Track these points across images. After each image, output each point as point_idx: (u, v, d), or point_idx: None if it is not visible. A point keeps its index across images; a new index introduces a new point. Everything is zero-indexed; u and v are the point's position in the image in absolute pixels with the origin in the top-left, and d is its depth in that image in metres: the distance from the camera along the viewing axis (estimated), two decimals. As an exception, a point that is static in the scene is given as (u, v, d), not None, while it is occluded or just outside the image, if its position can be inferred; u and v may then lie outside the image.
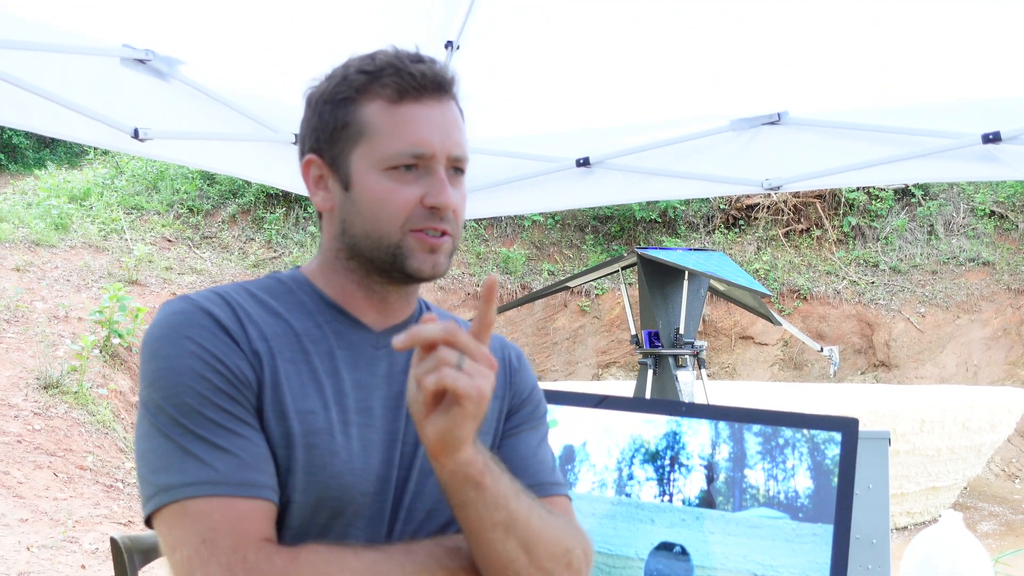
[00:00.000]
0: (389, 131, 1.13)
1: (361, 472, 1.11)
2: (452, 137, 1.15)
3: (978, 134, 2.37)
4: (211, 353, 1.07)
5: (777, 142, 2.69)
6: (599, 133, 2.92)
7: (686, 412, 1.68)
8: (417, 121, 1.13)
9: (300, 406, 1.09)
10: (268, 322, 1.13)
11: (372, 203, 1.14)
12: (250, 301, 1.15)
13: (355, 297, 1.19)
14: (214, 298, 1.13)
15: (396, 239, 1.13)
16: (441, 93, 1.15)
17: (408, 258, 1.13)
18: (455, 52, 2.75)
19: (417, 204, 1.13)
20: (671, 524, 1.60)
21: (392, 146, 1.13)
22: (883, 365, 11.87)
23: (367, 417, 1.14)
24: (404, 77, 1.13)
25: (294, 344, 1.13)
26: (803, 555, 1.50)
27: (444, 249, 1.15)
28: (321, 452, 1.08)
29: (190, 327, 1.08)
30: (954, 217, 12.87)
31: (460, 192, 1.17)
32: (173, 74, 2.37)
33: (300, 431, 1.08)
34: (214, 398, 1.05)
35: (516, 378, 1.31)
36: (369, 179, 1.14)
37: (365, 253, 1.15)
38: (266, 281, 1.21)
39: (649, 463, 1.66)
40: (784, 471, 1.57)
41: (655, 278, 4.98)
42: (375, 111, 1.14)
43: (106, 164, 12.99)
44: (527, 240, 13.13)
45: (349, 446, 1.11)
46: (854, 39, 2.46)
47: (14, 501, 5.95)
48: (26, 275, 9.53)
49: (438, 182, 1.13)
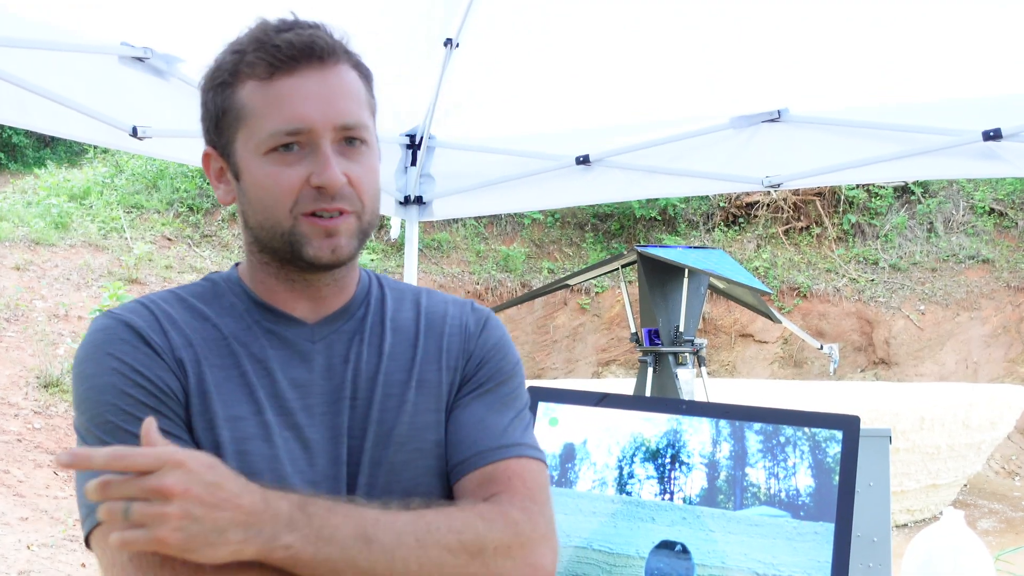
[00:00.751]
0: (263, 111, 1.04)
1: (306, 473, 1.06)
2: (337, 106, 1.05)
3: (979, 131, 2.37)
4: (132, 367, 1.03)
5: (777, 140, 2.69)
6: (599, 131, 2.92)
7: (687, 410, 1.68)
8: (291, 95, 1.04)
9: (229, 412, 1.05)
10: (195, 327, 1.08)
11: (258, 191, 1.06)
12: (177, 307, 1.10)
13: (278, 291, 1.12)
14: (137, 308, 1.08)
15: (288, 226, 1.05)
16: (319, 60, 1.05)
17: (304, 245, 1.06)
18: (455, 50, 2.74)
19: (304, 185, 1.04)
20: (672, 522, 1.59)
21: (266, 127, 1.04)
22: (883, 363, 11.87)
23: (307, 416, 1.09)
24: (269, 50, 1.04)
25: (222, 349, 1.08)
26: (804, 553, 1.50)
27: (344, 230, 1.06)
28: (255, 458, 1.04)
29: (111, 343, 1.04)
30: (954, 214, 12.86)
31: (362, 164, 1.07)
32: (172, 72, 2.37)
33: (230, 438, 1.04)
34: (138, 413, 1.00)
35: (472, 344, 1.19)
36: (252, 166, 1.06)
37: (266, 244, 1.09)
38: (200, 285, 1.15)
39: (650, 461, 1.66)
40: (785, 469, 1.57)
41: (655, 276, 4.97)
42: (248, 92, 1.05)
43: (106, 163, 12.98)
44: (527, 238, 13.13)
45: (289, 448, 1.06)
46: (854, 37, 2.46)
47: (14, 500, 5.94)
48: (26, 274, 9.52)
49: (322, 159, 1.04)
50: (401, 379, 1.14)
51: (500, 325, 1.23)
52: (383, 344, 1.15)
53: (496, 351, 1.20)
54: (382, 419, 1.11)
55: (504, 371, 1.19)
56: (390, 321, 1.17)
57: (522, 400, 1.20)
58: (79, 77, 2.29)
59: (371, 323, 1.16)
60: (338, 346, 1.12)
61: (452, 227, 12.82)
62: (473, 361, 1.18)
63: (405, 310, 1.19)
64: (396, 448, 1.11)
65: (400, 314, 1.19)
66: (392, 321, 1.17)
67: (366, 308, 1.17)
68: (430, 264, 12.19)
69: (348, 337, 1.14)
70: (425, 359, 1.16)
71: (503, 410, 1.16)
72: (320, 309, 1.13)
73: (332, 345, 1.12)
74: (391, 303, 1.19)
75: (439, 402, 1.14)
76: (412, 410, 1.12)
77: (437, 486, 1.12)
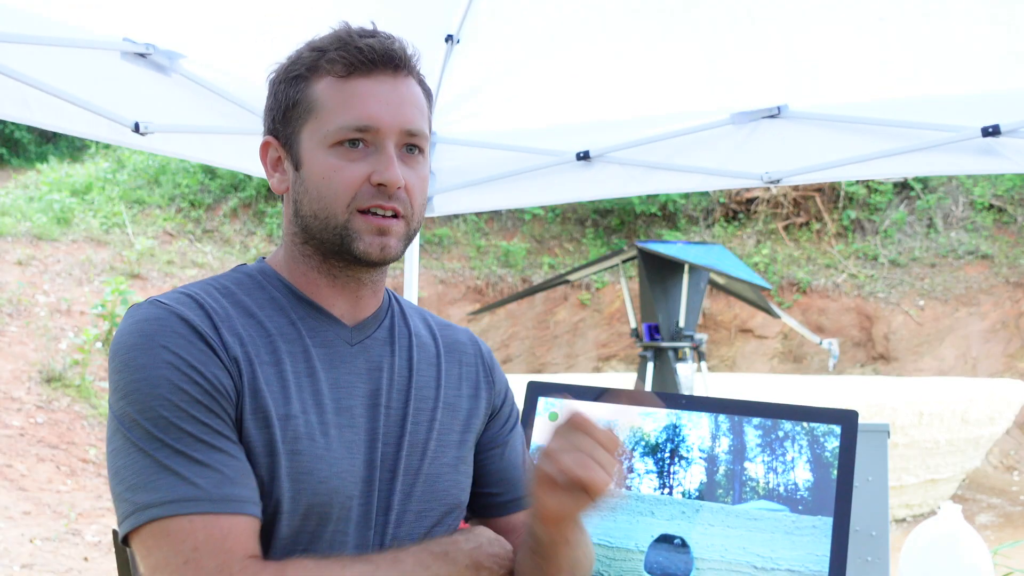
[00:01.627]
0: (335, 106, 1.08)
1: (347, 475, 1.08)
2: (404, 113, 1.09)
3: (978, 127, 2.38)
4: (188, 363, 1.02)
5: (777, 135, 2.69)
6: (599, 127, 2.92)
7: (686, 405, 1.68)
8: (364, 95, 1.08)
9: (281, 411, 1.05)
10: (243, 323, 1.08)
11: (319, 181, 1.09)
12: (223, 302, 1.09)
13: (320, 286, 1.13)
14: (187, 301, 1.07)
15: (343, 219, 1.08)
16: (394, 68, 1.10)
17: (355, 240, 1.08)
18: (455, 46, 2.75)
19: (364, 182, 1.08)
20: (671, 516, 1.60)
21: (336, 120, 1.08)
22: (882, 358, 11.89)
23: (347, 417, 1.10)
24: (351, 51, 1.09)
25: (269, 345, 1.08)
26: (803, 547, 1.51)
27: (395, 232, 1.10)
28: (306, 457, 1.05)
29: (164, 334, 1.02)
30: (953, 210, 12.87)
31: (417, 172, 1.12)
32: (174, 68, 2.37)
33: (283, 437, 1.04)
34: (192, 411, 1.00)
35: (494, 375, 1.30)
36: (316, 157, 1.09)
37: (316, 235, 1.11)
38: (235, 276, 1.15)
39: (649, 456, 1.67)
40: (784, 464, 1.58)
41: (655, 271, 4.98)
42: (324, 87, 1.09)
43: (107, 158, 12.99)
44: (527, 234, 13.13)
45: (331, 449, 1.07)
46: (854, 33, 2.46)
47: (17, 494, 5.97)
48: (28, 269, 9.54)
49: (386, 158, 1.08)
50: (429, 395, 1.19)
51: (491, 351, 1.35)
52: (412, 358, 1.20)
53: (507, 383, 1.32)
54: (415, 431, 1.16)
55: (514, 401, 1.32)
56: (415, 336, 1.22)
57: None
58: (81, 73, 2.29)
59: (398, 334, 1.20)
60: (373, 351, 1.16)
61: (453, 223, 12.83)
62: (497, 396, 1.28)
63: (421, 327, 1.25)
64: (430, 460, 1.16)
65: (420, 330, 1.24)
66: (416, 336, 1.22)
67: (391, 318, 1.21)
68: (431, 260, 12.21)
69: (381, 344, 1.17)
70: (448, 381, 1.23)
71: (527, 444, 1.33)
72: (357, 311, 1.16)
73: (368, 349, 1.15)
74: (409, 318, 1.24)
75: (460, 425, 1.22)
76: (440, 428, 1.19)
77: (462, 500, 1.22)
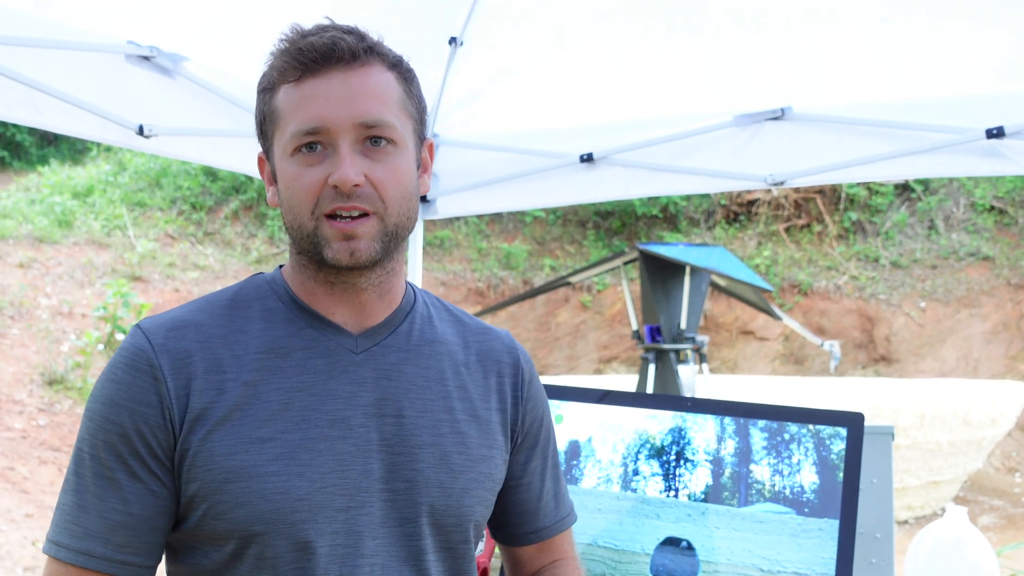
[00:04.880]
0: (290, 113, 1.05)
1: (334, 489, 1.06)
2: (359, 105, 1.04)
3: (982, 129, 2.37)
4: (121, 405, 1.04)
5: (781, 137, 2.69)
6: (603, 129, 2.92)
7: (691, 407, 1.68)
8: (314, 96, 1.04)
9: (256, 434, 1.04)
10: (230, 341, 1.08)
11: (286, 192, 1.07)
12: (218, 321, 1.09)
13: (319, 295, 1.11)
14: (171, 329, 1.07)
15: (311, 227, 1.05)
16: (344, 63, 1.05)
17: (324, 247, 1.05)
18: (459, 48, 2.75)
19: (323, 185, 1.04)
20: (677, 519, 1.60)
21: (290, 127, 1.05)
22: (883, 360, 11.88)
23: (342, 429, 1.07)
24: (294, 55, 1.06)
25: (258, 363, 1.07)
26: (809, 550, 1.51)
27: (364, 233, 1.05)
28: (282, 477, 1.04)
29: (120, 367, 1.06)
30: (954, 212, 12.86)
31: (386, 164, 1.06)
32: (178, 71, 2.38)
33: (254, 461, 1.03)
34: (105, 453, 1.04)
35: (530, 391, 1.24)
36: (283, 167, 1.07)
37: (298, 245, 1.09)
38: (243, 287, 1.15)
39: (655, 458, 1.67)
40: (789, 466, 1.58)
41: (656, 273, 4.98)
42: (281, 96, 1.07)
43: (109, 160, 12.99)
44: (528, 236, 13.13)
45: (315, 465, 1.05)
46: (858, 34, 2.46)
47: (19, 496, 5.96)
48: (30, 271, 9.54)
49: (338, 158, 1.04)
50: (451, 406, 1.15)
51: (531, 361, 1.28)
52: (431, 366, 1.15)
53: (546, 402, 1.27)
54: (439, 441, 1.12)
55: (552, 425, 1.29)
56: (438, 344, 1.17)
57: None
58: (85, 75, 2.29)
59: (416, 341, 1.15)
60: (385, 359, 1.12)
61: (454, 224, 12.83)
62: (533, 416, 1.24)
63: (450, 333, 1.20)
64: (456, 475, 1.13)
65: (447, 337, 1.19)
66: (440, 344, 1.17)
67: (411, 324, 1.16)
68: (432, 262, 12.20)
69: (393, 352, 1.13)
70: (477, 393, 1.18)
71: (558, 474, 1.30)
72: (363, 319, 1.12)
73: (378, 357, 1.11)
74: (437, 324, 1.19)
75: (492, 439, 1.17)
76: (468, 441, 1.14)
77: (486, 516, 1.19)
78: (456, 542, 1.14)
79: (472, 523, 1.15)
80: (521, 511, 1.25)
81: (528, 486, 1.25)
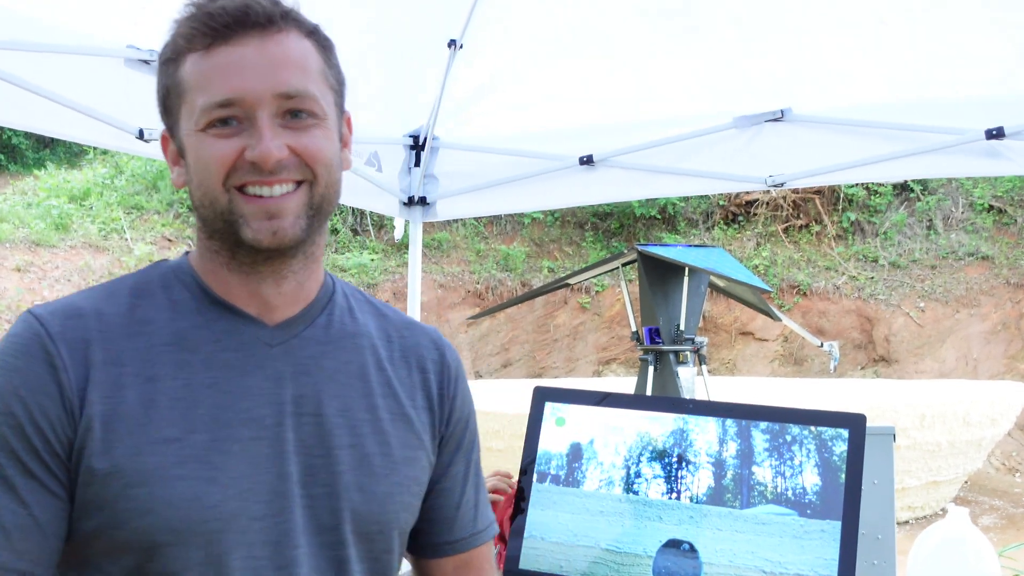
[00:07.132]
0: (200, 84, 0.95)
1: (249, 494, 0.96)
2: (276, 75, 0.95)
3: (981, 130, 2.38)
4: (20, 397, 0.93)
5: (780, 139, 2.70)
6: (602, 131, 2.93)
7: (693, 410, 1.68)
8: (225, 66, 0.95)
9: (161, 435, 0.94)
10: (132, 333, 0.98)
11: (195, 167, 0.97)
12: (117, 311, 0.99)
13: (231, 284, 1.01)
14: (67, 315, 0.97)
15: (224, 202, 0.96)
16: (259, 28, 0.95)
17: (242, 226, 0.96)
18: (458, 51, 2.76)
19: (238, 156, 0.95)
20: (679, 521, 1.60)
21: (201, 99, 0.95)
22: (883, 360, 11.89)
23: (255, 428, 0.98)
24: (202, 20, 0.95)
25: (163, 358, 0.97)
26: (811, 551, 1.51)
27: (290, 209, 0.97)
28: (188, 483, 0.94)
29: (17, 354, 0.94)
30: (953, 212, 12.88)
31: (310, 136, 0.97)
32: (177, 74, 2.38)
33: (158, 464, 0.93)
34: (13, 446, 0.93)
35: (457, 389, 1.15)
36: (192, 142, 0.97)
37: (209, 225, 0.99)
38: (146, 275, 1.04)
39: (656, 461, 1.67)
40: (791, 468, 1.58)
41: (655, 275, 4.98)
42: (188, 66, 0.97)
43: (106, 164, 12.98)
44: (527, 237, 13.13)
45: (227, 468, 0.96)
46: (857, 36, 2.47)
47: (17, 501, 5.95)
48: (27, 275, 9.53)
49: (256, 131, 0.95)
50: (374, 404, 1.06)
51: (459, 358, 1.19)
52: (352, 360, 1.07)
53: (471, 403, 1.18)
54: (358, 443, 1.03)
55: (476, 429, 1.18)
56: (360, 337, 1.09)
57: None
58: (85, 80, 2.29)
59: (336, 334, 1.07)
60: (302, 352, 1.03)
61: (452, 226, 12.83)
62: (459, 416, 1.14)
63: (372, 326, 1.11)
64: (379, 478, 1.04)
65: (369, 329, 1.10)
66: (361, 337, 1.09)
67: (329, 316, 1.07)
68: (430, 263, 12.20)
69: (311, 345, 1.04)
70: (402, 389, 1.09)
71: (480, 483, 1.19)
72: (279, 309, 1.03)
73: (292, 352, 1.02)
74: (359, 315, 1.10)
75: (418, 440, 1.09)
76: (391, 442, 1.06)
77: (411, 523, 1.10)
78: (380, 551, 1.05)
79: (396, 530, 1.07)
80: (436, 518, 1.14)
81: (447, 491, 1.14)
